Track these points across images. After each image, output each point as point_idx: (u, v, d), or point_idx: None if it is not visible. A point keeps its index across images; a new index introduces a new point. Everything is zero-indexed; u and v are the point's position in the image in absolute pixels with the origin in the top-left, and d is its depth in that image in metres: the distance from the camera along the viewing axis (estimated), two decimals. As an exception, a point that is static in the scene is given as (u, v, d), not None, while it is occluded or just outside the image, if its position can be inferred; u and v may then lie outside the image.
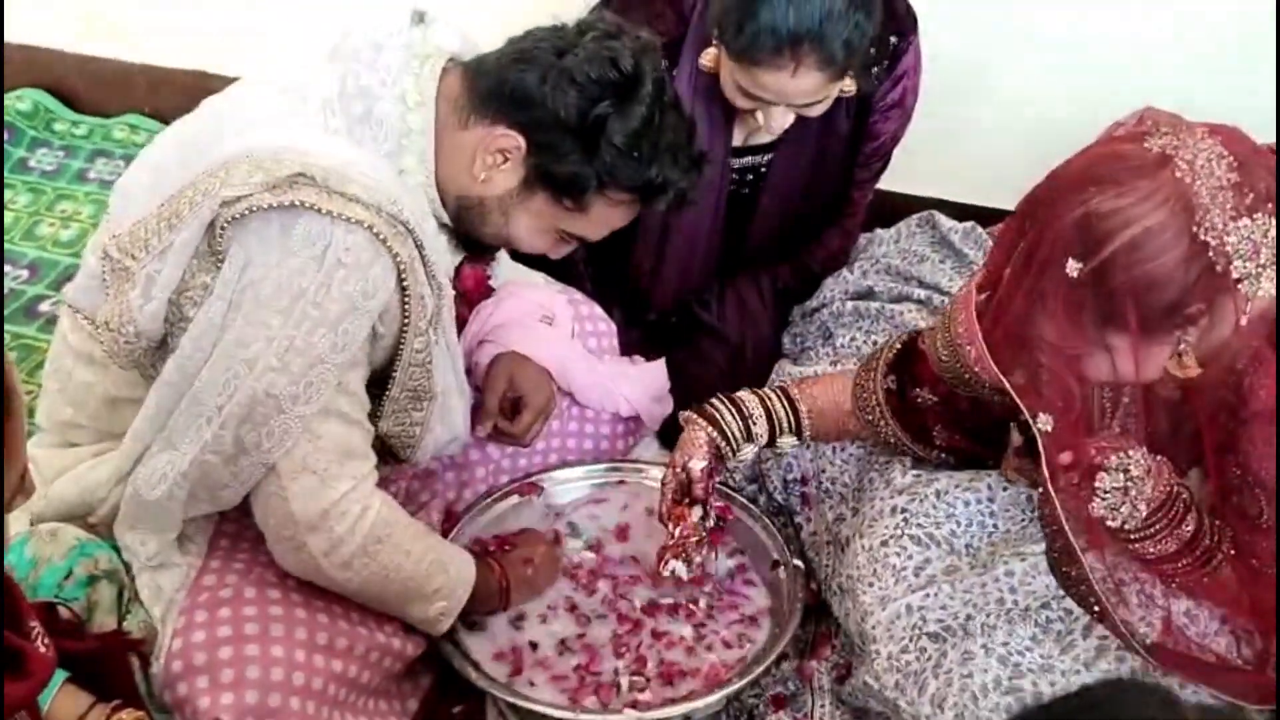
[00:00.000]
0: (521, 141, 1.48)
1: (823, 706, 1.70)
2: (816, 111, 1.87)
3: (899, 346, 1.72)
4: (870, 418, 1.72)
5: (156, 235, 1.41)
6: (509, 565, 1.71)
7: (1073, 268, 1.26)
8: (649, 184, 1.51)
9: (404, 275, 1.44)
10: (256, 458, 1.44)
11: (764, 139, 2.03)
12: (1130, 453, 1.37)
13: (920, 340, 1.67)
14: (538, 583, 1.74)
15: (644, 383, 2.00)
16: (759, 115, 1.86)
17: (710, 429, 1.74)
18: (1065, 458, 1.37)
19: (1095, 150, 1.34)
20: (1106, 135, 1.36)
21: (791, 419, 1.76)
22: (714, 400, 1.77)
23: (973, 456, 1.72)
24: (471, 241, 1.61)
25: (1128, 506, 1.37)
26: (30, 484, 1.04)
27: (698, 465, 1.73)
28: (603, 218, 1.56)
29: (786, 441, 1.78)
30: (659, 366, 2.05)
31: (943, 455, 1.74)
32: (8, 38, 2.75)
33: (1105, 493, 1.37)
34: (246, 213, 1.37)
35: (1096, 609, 1.44)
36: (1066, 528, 1.40)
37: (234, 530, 1.58)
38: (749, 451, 1.77)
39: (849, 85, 1.89)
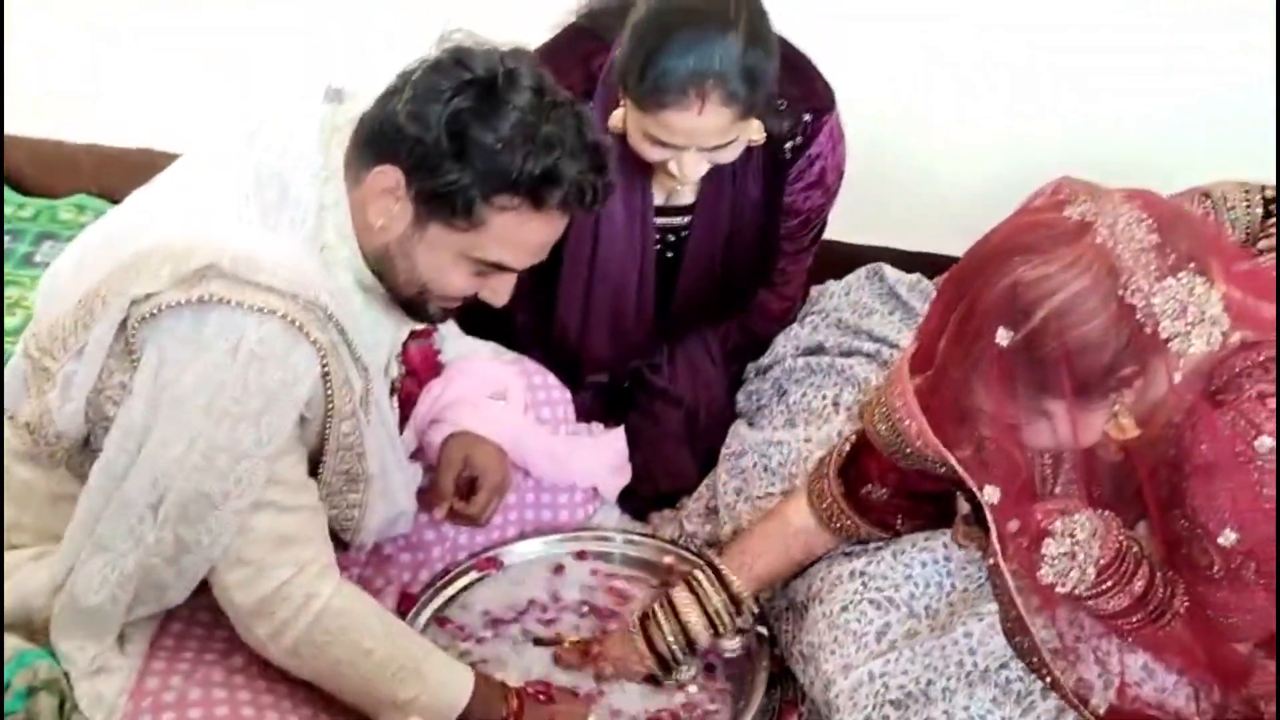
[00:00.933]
0: (398, 173, 1.42)
1: (791, 775, 1.70)
2: (728, 156, 1.87)
3: (845, 451, 1.72)
4: (838, 524, 1.71)
5: (73, 334, 1.40)
6: (530, 706, 1.63)
7: (1004, 336, 1.26)
8: (532, 178, 1.41)
9: (325, 360, 1.42)
10: (198, 554, 1.43)
11: (685, 199, 2.04)
12: (1075, 516, 1.37)
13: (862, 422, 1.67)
14: None
15: (601, 455, 2.00)
16: (672, 166, 1.86)
17: (650, 657, 1.73)
18: (1013, 526, 1.38)
19: (1016, 221, 1.35)
20: (1025, 205, 1.38)
21: (731, 610, 1.73)
22: (659, 616, 1.73)
23: (934, 517, 1.72)
24: (401, 299, 1.55)
25: (1076, 571, 1.37)
26: None
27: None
28: (506, 233, 1.45)
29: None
30: (617, 436, 2.04)
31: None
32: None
33: (1053, 559, 1.37)
34: (157, 310, 1.35)
35: (1049, 679, 1.45)
36: (1018, 601, 1.40)
37: (179, 629, 1.55)
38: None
39: (757, 134, 1.90)
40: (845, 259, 2.39)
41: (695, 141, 1.81)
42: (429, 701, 1.53)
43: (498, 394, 1.87)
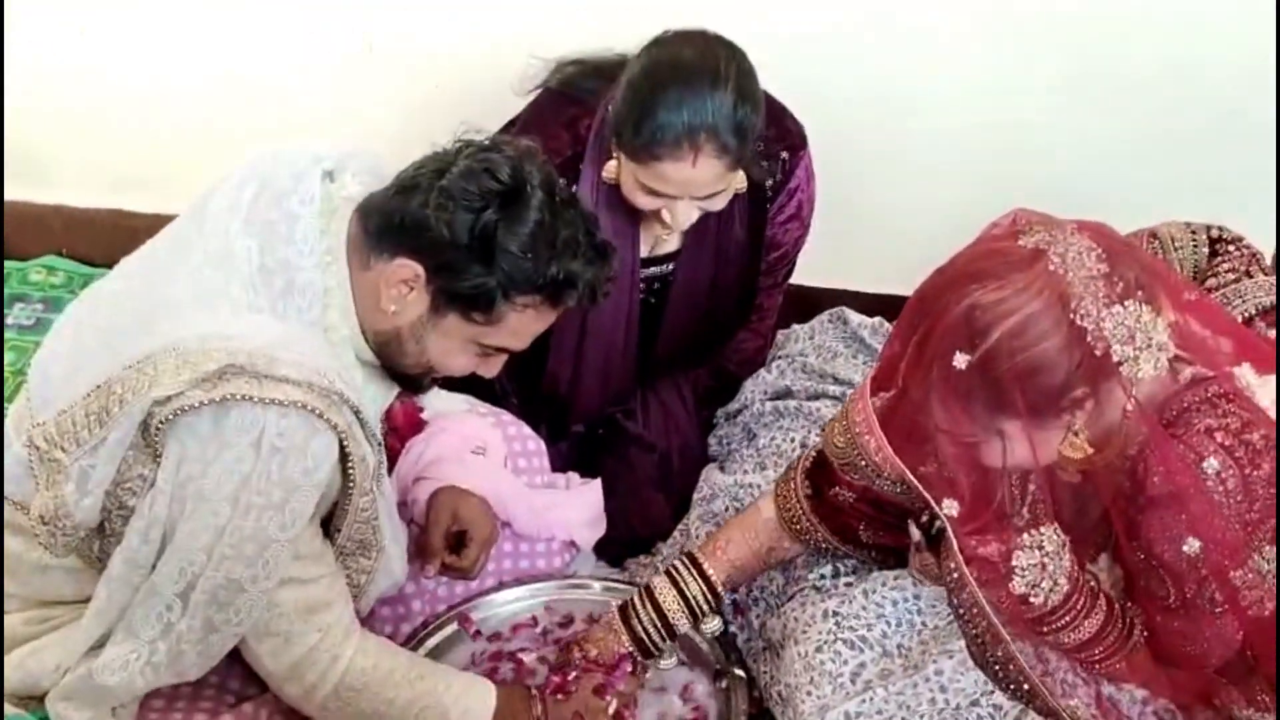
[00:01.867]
0: (419, 269, 1.48)
1: (771, 815, 1.72)
2: (718, 204, 1.94)
3: (814, 455, 1.77)
4: (798, 527, 1.76)
5: (86, 429, 1.42)
6: (553, 705, 1.69)
7: (960, 359, 1.32)
8: (554, 282, 1.50)
9: (345, 442, 1.46)
10: (226, 633, 1.47)
11: (668, 248, 2.11)
12: (1042, 529, 1.42)
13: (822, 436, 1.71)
14: None
15: (578, 508, 2.03)
16: (664, 214, 1.92)
17: (629, 642, 1.77)
18: (975, 541, 1.42)
19: (975, 249, 1.42)
20: (983, 235, 1.44)
21: (709, 598, 1.78)
22: (636, 603, 1.78)
23: (901, 554, 1.76)
24: (401, 376, 1.62)
25: (1048, 582, 1.42)
26: None
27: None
28: (518, 325, 1.55)
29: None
30: (594, 489, 2.08)
31: (873, 554, 1.78)
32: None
33: (1024, 570, 1.42)
34: (179, 412, 1.38)
35: (1026, 687, 1.48)
36: (987, 610, 1.45)
37: (168, 691, 1.58)
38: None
39: (741, 182, 1.97)
40: (809, 302, 2.46)
41: (688, 192, 1.87)
42: None
43: (478, 449, 1.91)
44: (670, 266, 2.13)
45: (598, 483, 2.10)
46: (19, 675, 1.53)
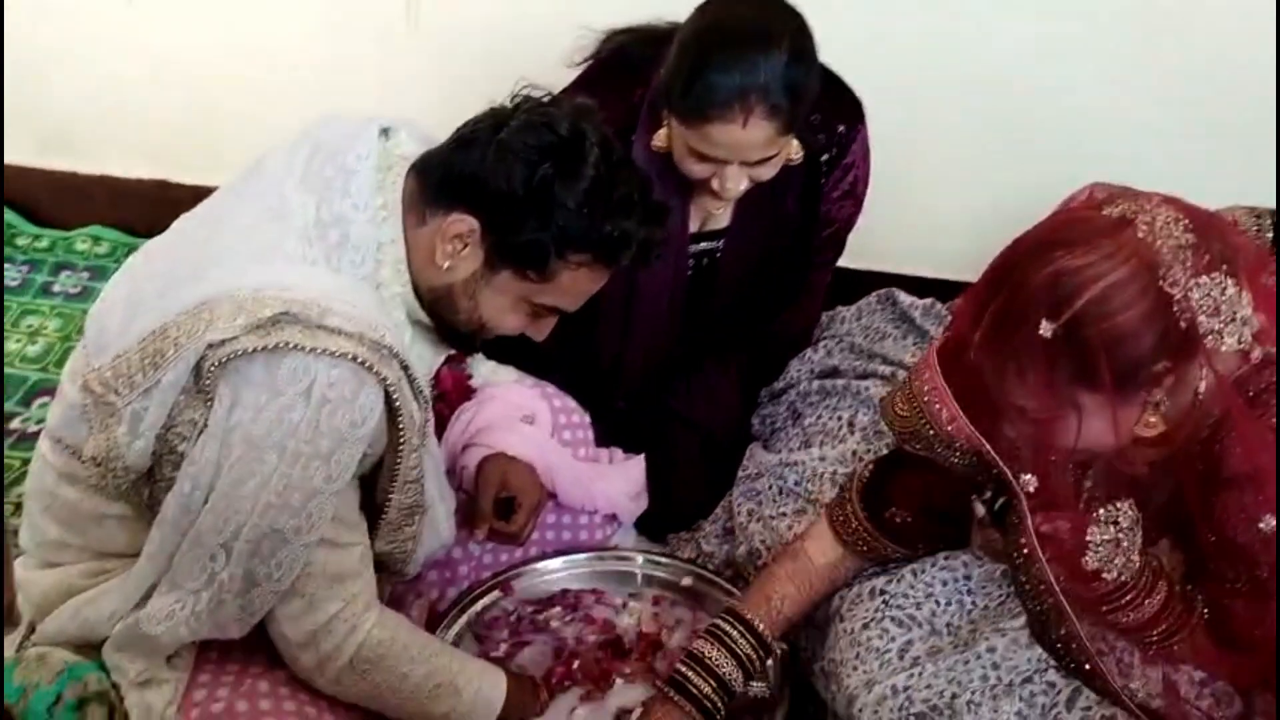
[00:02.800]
0: (475, 223, 1.48)
1: (815, 790, 1.71)
2: (768, 172, 1.90)
3: (867, 475, 1.73)
4: (865, 548, 1.72)
5: (141, 372, 1.42)
6: (557, 694, 1.72)
7: (1046, 328, 1.28)
8: (608, 240, 1.50)
9: (393, 397, 1.45)
10: (266, 588, 1.47)
11: (718, 224, 2.08)
12: (1117, 504, 1.40)
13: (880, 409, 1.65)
14: None
15: (622, 481, 2.03)
16: (714, 182, 1.89)
17: (692, 706, 1.68)
18: (1048, 517, 1.39)
19: (1055, 218, 1.38)
20: (1062, 207, 1.41)
21: (759, 652, 1.71)
22: (690, 675, 1.68)
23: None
24: (452, 334, 1.61)
25: (1121, 558, 1.40)
26: (17, 615, 1.03)
27: None
28: (571, 284, 1.54)
29: (755, 686, 1.77)
30: (637, 464, 2.07)
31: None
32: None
33: (1097, 546, 1.39)
34: (232, 355, 1.38)
35: (1087, 666, 1.46)
36: (1055, 586, 1.42)
37: (223, 643, 1.57)
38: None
39: (796, 154, 1.95)
40: (855, 285, 2.44)
41: (738, 156, 1.85)
42: (467, 710, 1.60)
43: (526, 417, 1.91)
44: (719, 243, 2.11)
45: (641, 458, 2.09)
46: (75, 624, 1.53)
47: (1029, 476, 1.36)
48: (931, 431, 1.42)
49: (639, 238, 1.52)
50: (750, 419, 2.26)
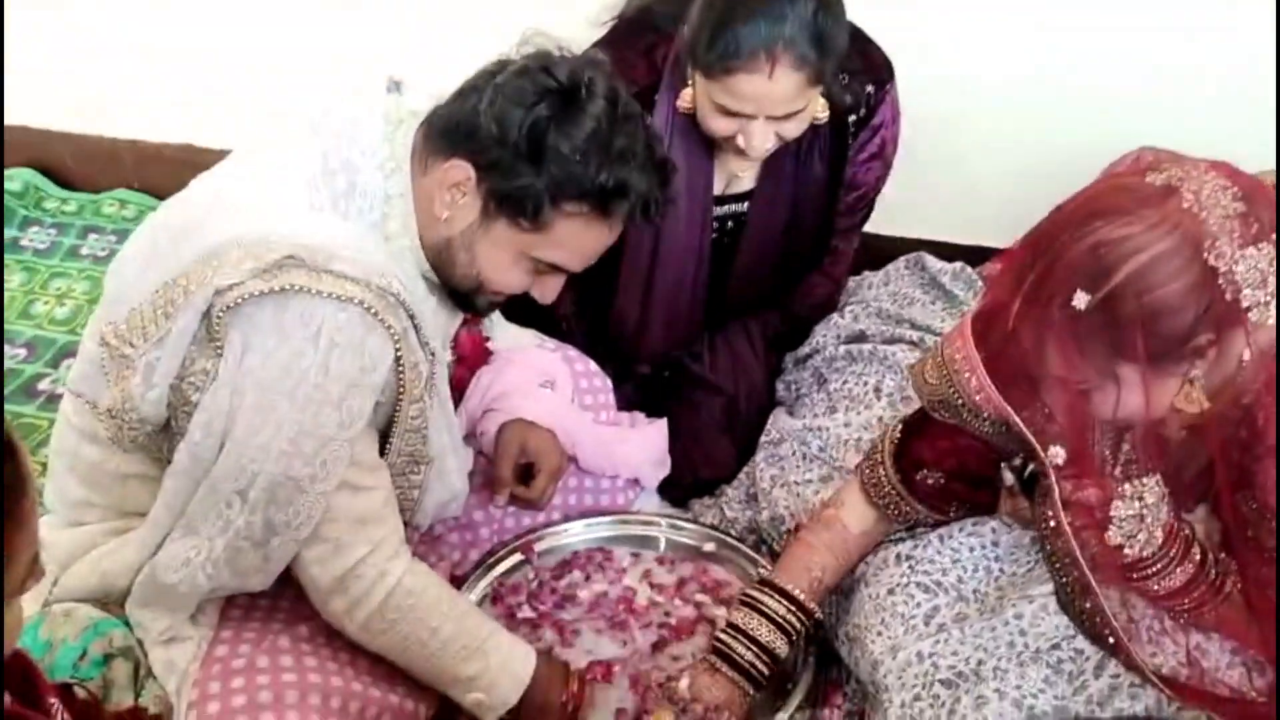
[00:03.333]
0: (470, 169, 1.47)
1: (838, 756, 1.70)
2: (794, 129, 1.88)
3: (897, 436, 1.72)
4: (897, 510, 1.70)
5: (154, 323, 1.42)
6: (590, 688, 1.68)
7: (1081, 299, 1.26)
8: (603, 190, 1.46)
9: (398, 346, 1.45)
10: (286, 536, 1.46)
11: (743, 186, 2.06)
12: (1144, 480, 1.37)
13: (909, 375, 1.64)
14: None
15: (644, 446, 2.01)
16: (740, 139, 1.87)
17: (746, 685, 1.68)
18: (1076, 487, 1.37)
19: (1100, 185, 1.35)
20: (1107, 173, 1.38)
21: (800, 617, 1.70)
22: (731, 643, 1.69)
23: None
24: (455, 293, 1.60)
25: (1144, 534, 1.38)
26: (41, 567, 1.04)
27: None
28: (567, 236, 1.51)
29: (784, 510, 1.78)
30: (659, 429, 2.06)
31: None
32: (-5, 118, 2.79)
33: (1121, 520, 1.37)
34: (240, 300, 1.38)
35: (1111, 640, 1.44)
36: (1081, 559, 1.40)
37: (245, 601, 1.58)
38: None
39: (822, 111, 1.92)
40: (882, 251, 2.41)
41: (765, 109, 1.82)
42: (492, 679, 1.57)
43: (546, 382, 1.90)
44: (745, 205, 2.09)
45: (663, 422, 2.08)
46: (96, 577, 1.54)
47: (1057, 449, 1.35)
48: (960, 400, 1.41)
49: (639, 189, 1.49)
50: (774, 384, 2.25)
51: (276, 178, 1.48)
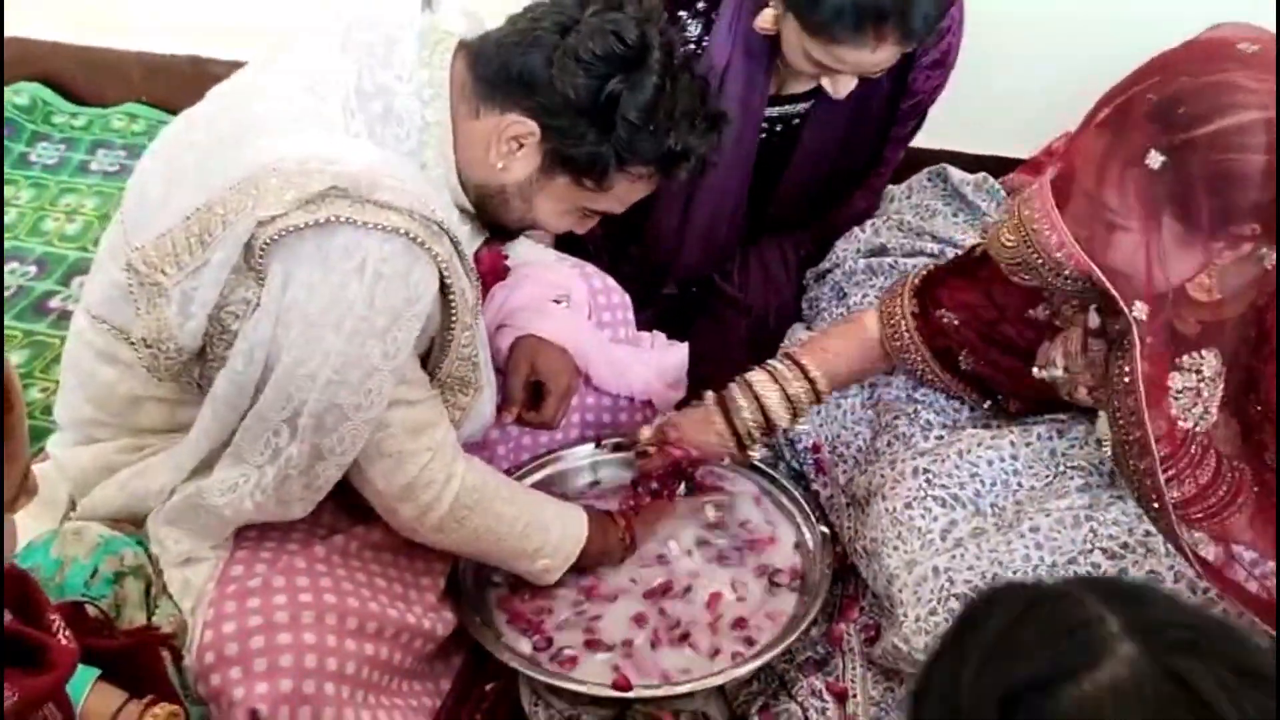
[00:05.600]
0: (535, 127, 1.46)
1: (854, 669, 1.70)
2: (881, 72, 1.84)
3: (924, 274, 1.73)
4: (899, 343, 1.73)
5: (188, 251, 1.40)
6: (635, 522, 1.77)
7: (1155, 158, 1.24)
8: (669, 154, 1.50)
9: (445, 273, 1.43)
10: (331, 461, 1.46)
11: (800, 88, 2.00)
12: (1204, 352, 1.35)
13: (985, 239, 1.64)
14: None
15: (660, 367, 1.98)
16: (825, 82, 1.83)
17: (730, 435, 1.74)
18: (1148, 349, 1.35)
19: (1189, 45, 1.31)
20: (1195, 38, 1.34)
21: (810, 395, 1.75)
22: (736, 395, 1.75)
23: (993, 385, 1.74)
24: (497, 228, 1.61)
25: (1199, 408, 1.37)
26: (33, 483, 1.01)
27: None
28: (625, 192, 1.55)
29: (756, 455, 1.81)
30: (678, 351, 2.01)
31: (965, 388, 1.75)
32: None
33: (1178, 392, 1.36)
34: (283, 233, 1.35)
35: (1156, 505, 1.43)
36: (1146, 419, 1.38)
37: (260, 526, 1.57)
38: (758, 451, 1.79)
39: None
40: (905, 164, 2.35)
41: (861, 71, 1.79)
42: (555, 544, 1.67)
43: (560, 297, 1.87)
44: (801, 107, 2.02)
45: (684, 346, 2.04)
46: (123, 497, 1.54)
47: (1141, 305, 1.32)
48: (1039, 260, 1.39)
49: (699, 152, 1.52)
50: (801, 304, 2.21)
51: (310, 97, 1.44)
